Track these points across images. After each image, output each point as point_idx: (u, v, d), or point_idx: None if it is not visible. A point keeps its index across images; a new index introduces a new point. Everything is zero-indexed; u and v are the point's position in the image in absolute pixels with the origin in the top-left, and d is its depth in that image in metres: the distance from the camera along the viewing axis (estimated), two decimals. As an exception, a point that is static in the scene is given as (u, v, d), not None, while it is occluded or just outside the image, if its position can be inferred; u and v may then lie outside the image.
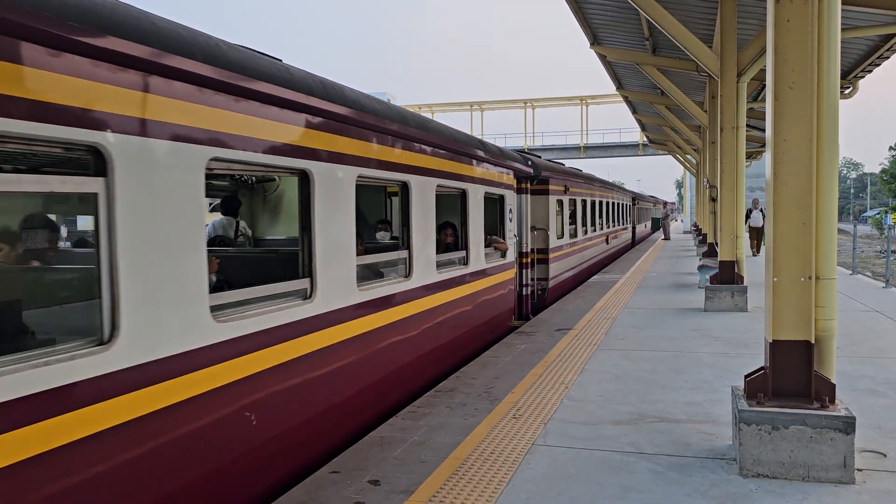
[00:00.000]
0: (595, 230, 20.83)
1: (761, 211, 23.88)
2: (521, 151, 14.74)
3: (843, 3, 5.22)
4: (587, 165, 52.86)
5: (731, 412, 5.33)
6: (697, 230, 30.01)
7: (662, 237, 40.60)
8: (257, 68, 4.58)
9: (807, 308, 4.85)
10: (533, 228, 13.22)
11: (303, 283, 5.22)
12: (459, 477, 4.79)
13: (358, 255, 5.94)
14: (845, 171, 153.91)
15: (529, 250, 13.00)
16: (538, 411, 6.28)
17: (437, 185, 7.84)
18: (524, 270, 12.82)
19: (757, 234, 23.94)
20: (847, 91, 17.44)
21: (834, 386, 4.82)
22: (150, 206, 3.69)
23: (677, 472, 4.82)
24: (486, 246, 9.90)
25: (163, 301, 3.77)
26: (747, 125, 13.29)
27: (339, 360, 5.67)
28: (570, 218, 16.43)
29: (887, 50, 14.81)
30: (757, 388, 4.91)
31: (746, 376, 5.02)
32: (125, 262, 3.51)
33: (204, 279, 4.07)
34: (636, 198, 37.96)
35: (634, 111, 30.95)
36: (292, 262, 5.37)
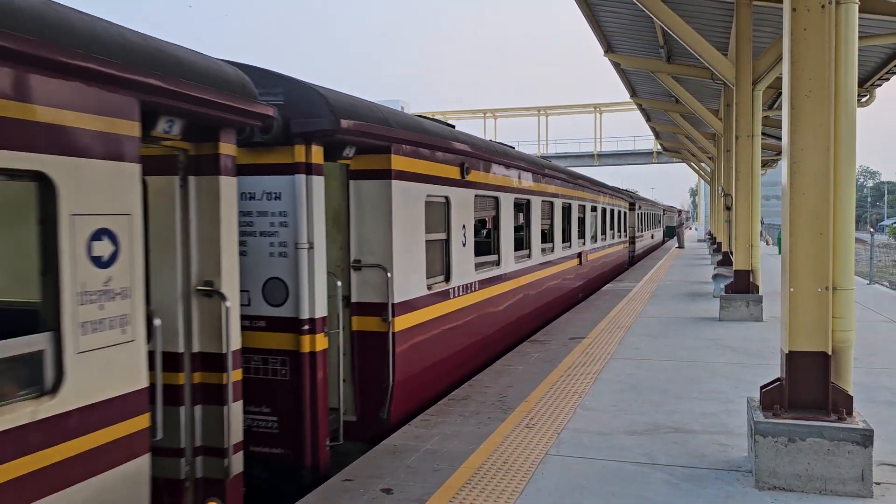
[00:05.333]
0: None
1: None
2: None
3: (860, 12, 5.20)
4: (601, 173, 52.74)
5: (746, 423, 5.28)
6: (712, 238, 29.86)
7: (677, 245, 40.44)
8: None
9: (824, 319, 4.80)
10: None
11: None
12: (473, 486, 4.78)
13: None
14: (862, 180, 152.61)
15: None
16: (552, 420, 6.25)
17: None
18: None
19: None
20: (864, 99, 17.30)
21: (851, 398, 4.77)
22: None
23: (692, 484, 4.78)
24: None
25: None
26: (763, 133, 13.22)
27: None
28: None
29: (905, 58, 14.69)
30: (773, 399, 4.86)
31: (762, 387, 4.98)
32: None
33: None
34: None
35: (648, 119, 30.89)
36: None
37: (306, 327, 5.41)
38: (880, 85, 16.95)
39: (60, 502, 3.16)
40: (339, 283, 6.05)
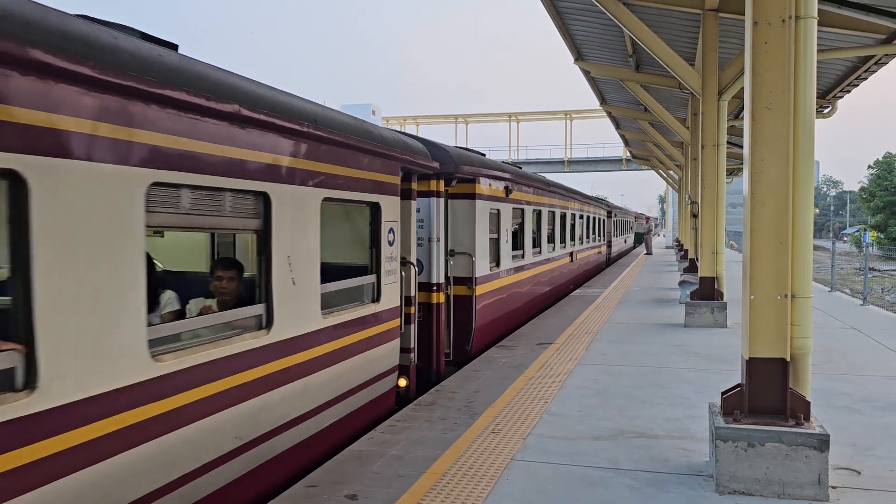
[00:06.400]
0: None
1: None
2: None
3: (820, 25, 5.34)
4: (571, 180, 53.18)
5: (708, 428, 5.36)
6: (679, 246, 30.25)
7: (645, 252, 40.89)
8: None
9: (782, 326, 4.90)
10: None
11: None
12: (438, 492, 4.78)
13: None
14: (825, 189, 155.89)
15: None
16: (518, 426, 6.28)
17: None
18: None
19: None
20: (826, 111, 17.72)
21: (809, 403, 4.87)
22: None
23: (654, 489, 4.84)
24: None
25: None
26: (728, 142, 13.51)
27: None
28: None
29: (865, 71, 15.07)
30: (733, 404, 4.95)
31: (723, 393, 5.07)
32: None
33: None
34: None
35: (618, 126, 31.26)
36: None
37: (434, 288, 8.82)
38: (842, 97, 17.38)
39: (376, 355, 6.64)
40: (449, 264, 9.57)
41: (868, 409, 6.85)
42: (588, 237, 22.98)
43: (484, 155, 11.43)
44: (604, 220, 28.92)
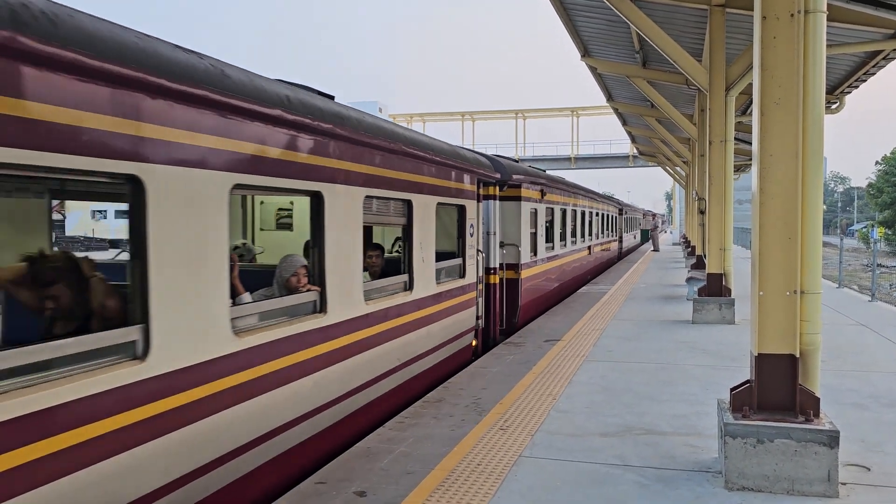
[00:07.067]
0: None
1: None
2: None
3: (829, 20, 5.30)
4: (578, 177, 53.12)
5: (717, 425, 5.35)
6: (686, 242, 30.17)
7: (652, 248, 40.81)
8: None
9: (792, 322, 4.88)
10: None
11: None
12: (446, 489, 4.79)
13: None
14: (833, 185, 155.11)
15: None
16: (525, 423, 6.28)
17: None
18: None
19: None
20: (834, 106, 17.63)
21: (818, 399, 4.85)
22: None
23: (663, 485, 4.83)
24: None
25: None
26: (735, 138, 13.39)
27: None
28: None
29: (873, 66, 14.98)
30: (742, 401, 4.93)
31: (732, 389, 5.05)
32: None
33: None
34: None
35: (625, 123, 31.18)
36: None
37: (492, 271, 11.07)
38: (850, 92, 17.27)
39: (464, 316, 9.09)
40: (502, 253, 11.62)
41: (876, 406, 6.82)
42: (603, 233, 26.01)
43: (517, 161, 15.02)
44: (616, 218, 31.73)
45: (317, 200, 5.57)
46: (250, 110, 4.50)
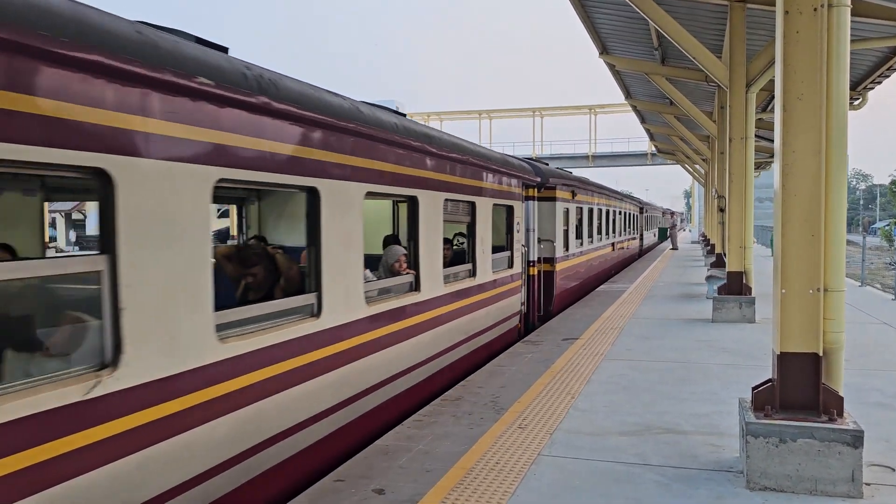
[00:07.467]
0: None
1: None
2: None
3: (852, 15, 5.22)
4: (595, 175, 52.89)
5: (738, 424, 5.30)
6: (706, 240, 29.93)
7: (670, 247, 40.51)
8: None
9: (815, 320, 4.82)
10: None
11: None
12: (465, 487, 4.78)
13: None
14: (854, 183, 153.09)
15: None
16: (544, 421, 6.26)
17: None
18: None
19: None
20: (856, 102, 17.38)
21: (842, 399, 4.79)
22: None
23: (683, 485, 4.79)
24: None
25: None
26: (756, 136, 13.24)
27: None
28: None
29: (897, 61, 14.75)
30: (764, 400, 4.88)
31: (754, 388, 4.99)
32: None
33: None
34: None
35: (643, 121, 30.95)
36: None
37: (532, 264, 12.60)
38: (872, 88, 17.02)
39: (512, 300, 10.73)
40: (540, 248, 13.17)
41: (902, 406, 6.72)
42: (625, 230, 27.99)
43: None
44: (637, 216, 33.81)
45: (413, 203, 7.09)
46: (387, 139, 6.26)
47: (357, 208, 5.80)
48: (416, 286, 7.13)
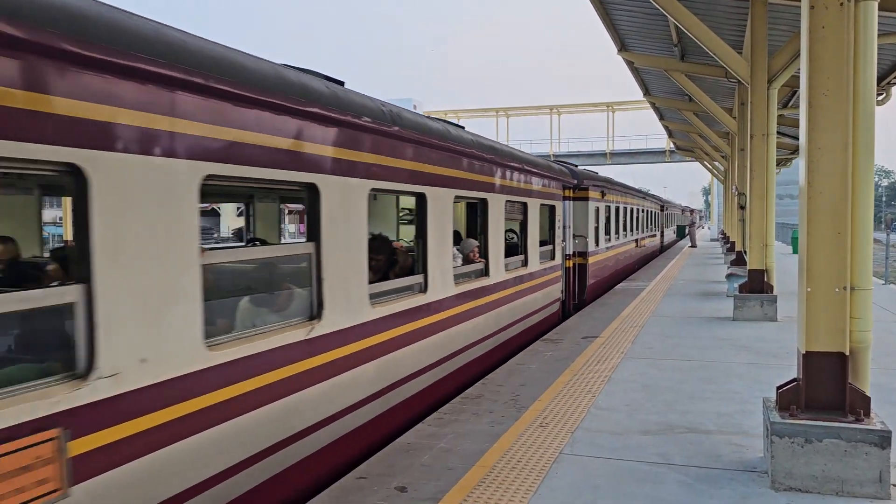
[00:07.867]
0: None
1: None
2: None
3: (879, 10, 5.14)
4: (613, 172, 52.69)
5: (762, 424, 5.25)
6: (725, 238, 29.68)
7: (689, 245, 40.21)
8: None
9: (841, 319, 4.76)
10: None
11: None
12: (487, 485, 4.78)
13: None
14: (877, 179, 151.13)
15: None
16: (565, 420, 6.24)
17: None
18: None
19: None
20: (880, 98, 17.14)
21: (869, 399, 4.73)
22: None
23: (707, 485, 4.76)
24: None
25: None
26: (777, 132, 13.09)
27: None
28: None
29: (922, 56, 14.53)
30: (789, 399, 4.83)
31: (779, 388, 4.95)
32: None
33: None
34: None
35: (661, 117, 30.73)
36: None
37: (568, 257, 13.96)
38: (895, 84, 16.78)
39: (554, 287, 12.54)
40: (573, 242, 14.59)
41: (929, 406, 6.62)
42: (647, 228, 29.65)
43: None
44: (658, 214, 35.58)
45: (483, 205, 8.66)
46: (469, 154, 7.88)
47: (449, 209, 7.37)
48: (485, 272, 8.67)
